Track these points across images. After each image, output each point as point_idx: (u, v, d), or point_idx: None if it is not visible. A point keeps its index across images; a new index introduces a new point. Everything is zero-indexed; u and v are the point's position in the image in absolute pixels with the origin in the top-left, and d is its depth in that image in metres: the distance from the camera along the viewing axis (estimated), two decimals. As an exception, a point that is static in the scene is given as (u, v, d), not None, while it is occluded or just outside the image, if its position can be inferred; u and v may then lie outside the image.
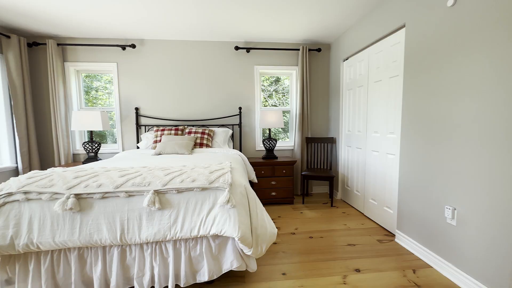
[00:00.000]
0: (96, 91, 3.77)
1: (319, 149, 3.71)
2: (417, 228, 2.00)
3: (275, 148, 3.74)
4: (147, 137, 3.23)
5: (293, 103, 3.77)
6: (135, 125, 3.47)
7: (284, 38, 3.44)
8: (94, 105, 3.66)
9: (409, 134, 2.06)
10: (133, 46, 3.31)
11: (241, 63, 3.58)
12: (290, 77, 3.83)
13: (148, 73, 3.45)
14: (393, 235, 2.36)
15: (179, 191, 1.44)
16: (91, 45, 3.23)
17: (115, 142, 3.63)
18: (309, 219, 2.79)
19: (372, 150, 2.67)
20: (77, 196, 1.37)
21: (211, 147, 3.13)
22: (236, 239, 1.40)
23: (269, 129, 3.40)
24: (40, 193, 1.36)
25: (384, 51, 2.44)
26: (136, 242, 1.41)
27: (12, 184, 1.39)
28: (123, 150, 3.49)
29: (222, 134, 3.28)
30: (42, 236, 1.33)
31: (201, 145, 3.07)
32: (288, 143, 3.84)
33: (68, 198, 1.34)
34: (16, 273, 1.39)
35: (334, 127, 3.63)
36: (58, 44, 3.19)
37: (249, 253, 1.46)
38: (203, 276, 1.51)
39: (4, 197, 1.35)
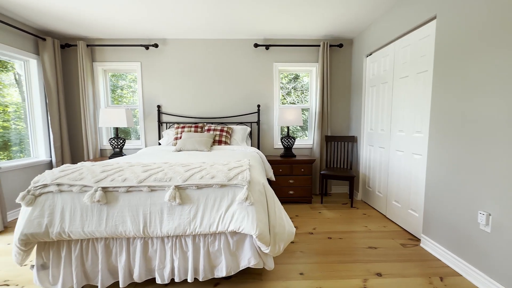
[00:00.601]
0: (121, 89, 3.95)
1: (339, 148, 3.61)
2: (446, 234, 1.88)
3: (293, 147, 3.69)
4: (168, 133, 3.32)
5: (313, 100, 3.69)
6: (157, 122, 3.59)
7: (304, 34, 3.37)
8: (120, 103, 3.84)
9: (438, 133, 1.93)
10: (156, 45, 3.41)
11: (260, 60, 3.56)
12: (310, 74, 3.75)
13: (169, 72, 3.55)
14: (418, 240, 2.24)
15: (199, 187, 1.47)
16: (117, 45, 3.38)
17: (139, 139, 3.78)
18: (328, 219, 2.73)
19: (397, 150, 2.55)
20: (104, 189, 1.44)
21: (229, 144, 3.16)
22: (254, 236, 1.40)
23: (288, 127, 3.36)
24: (71, 185, 1.45)
25: (411, 45, 2.30)
26: (157, 235, 1.45)
27: (47, 176, 1.49)
28: (145, 146, 3.63)
29: (240, 132, 3.29)
30: (73, 225, 1.42)
31: (219, 142, 3.10)
32: (307, 141, 3.78)
33: (96, 191, 1.42)
34: (50, 259, 1.50)
35: (355, 125, 3.51)
36: (87, 45, 3.37)
37: (266, 251, 1.46)
38: (221, 272, 1.53)
39: (40, 188, 1.46)
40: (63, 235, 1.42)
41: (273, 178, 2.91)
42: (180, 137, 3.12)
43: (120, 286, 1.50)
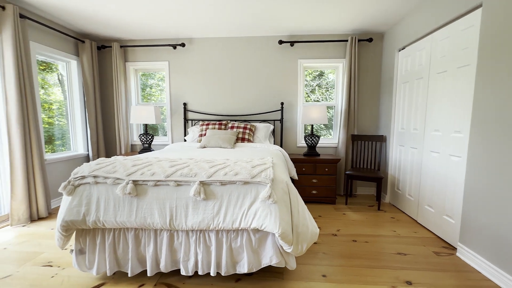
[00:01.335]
0: (150, 88, 4.14)
1: (366, 147, 3.45)
2: (487, 244, 1.71)
3: (317, 145, 3.60)
4: (193, 130, 3.42)
5: (339, 98, 3.56)
6: (183, 119, 3.71)
7: (331, 29, 3.25)
8: (149, 101, 4.03)
9: (481, 133, 1.76)
10: (183, 45, 3.52)
11: (285, 57, 3.51)
12: (336, 71, 3.62)
13: (195, 70, 3.64)
14: (454, 249, 2.07)
15: (223, 183, 1.49)
16: (147, 45, 3.54)
17: (165, 135, 3.94)
18: (353, 221, 2.63)
19: (431, 151, 2.37)
20: (135, 182, 1.52)
21: (252, 142, 3.17)
22: (277, 235, 1.38)
23: (312, 125, 3.28)
24: (105, 177, 1.55)
25: (451, 37, 2.11)
26: (182, 228, 1.50)
27: (85, 168, 1.61)
28: (172, 143, 3.77)
29: (263, 130, 3.29)
30: (107, 215, 1.52)
31: (242, 139, 3.12)
32: (331, 140, 3.66)
33: (127, 183, 1.50)
34: (87, 245, 1.62)
35: (384, 124, 3.33)
36: (121, 46, 3.58)
37: (289, 251, 1.44)
38: (243, 268, 1.54)
39: (78, 179, 1.58)
40: (98, 224, 1.53)
41: (296, 177, 2.87)
42: (205, 134, 3.19)
43: (148, 274, 1.58)
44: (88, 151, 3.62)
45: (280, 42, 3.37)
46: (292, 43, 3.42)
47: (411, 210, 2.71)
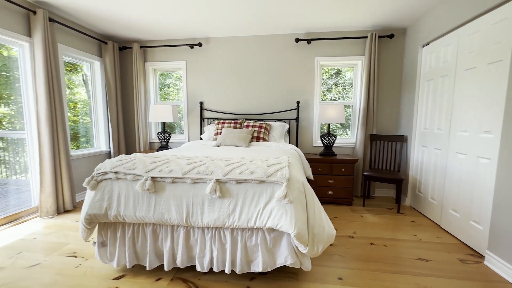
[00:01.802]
0: (168, 87, 4.25)
1: (386, 148, 3.33)
2: (520, 253, 1.59)
3: (334, 145, 3.52)
4: (209, 129, 3.47)
5: (357, 96, 3.46)
6: (199, 118, 3.77)
7: (349, 26, 3.16)
8: (166, 100, 4.13)
9: (514, 134, 1.64)
10: (200, 44, 3.57)
11: (301, 55, 3.46)
12: (355, 68, 3.52)
13: (211, 69, 3.68)
14: (482, 257, 1.94)
15: (238, 182, 1.49)
16: (165, 46, 3.63)
17: (182, 133, 4.03)
18: (370, 223, 2.55)
19: (457, 152, 2.24)
20: (153, 179, 1.57)
21: (267, 141, 3.16)
22: (292, 235, 1.37)
23: (328, 125, 3.21)
24: (126, 174, 1.60)
25: (481, 31, 1.98)
26: (198, 225, 1.53)
27: (107, 165, 1.68)
28: (188, 141, 3.84)
29: (278, 129, 3.26)
30: (127, 210, 1.57)
31: (257, 138, 3.12)
32: (349, 140, 3.57)
33: (146, 180, 1.54)
34: (108, 238, 1.69)
35: (405, 123, 3.19)
36: (141, 47, 3.69)
37: (304, 251, 1.42)
38: (257, 267, 1.54)
39: (101, 175, 1.64)
40: (119, 218, 1.58)
41: (311, 177, 2.82)
42: (220, 133, 3.22)
43: (165, 268, 1.62)
44: (109, 148, 3.77)
45: (297, 40, 3.33)
46: (309, 41, 3.36)
47: (434, 214, 2.59)
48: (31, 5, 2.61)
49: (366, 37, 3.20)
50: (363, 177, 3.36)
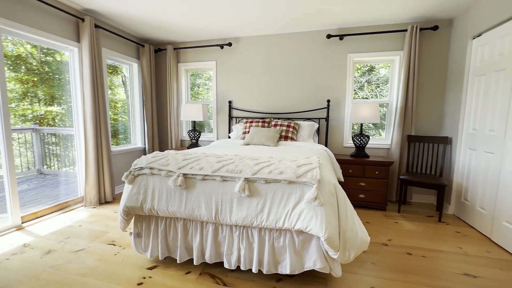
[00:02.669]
0: (198, 87, 4.39)
1: (426, 150, 3.07)
2: None
3: (366, 146, 3.33)
4: (237, 128, 3.50)
5: (393, 94, 3.23)
6: (227, 116, 3.83)
7: (387, 19, 2.96)
8: (196, 99, 4.27)
9: None
10: (230, 44, 3.62)
11: (333, 52, 3.33)
12: (391, 64, 3.29)
13: (240, 69, 3.71)
14: (544, 278, 1.69)
15: (267, 181, 1.48)
16: (197, 47, 3.75)
17: (211, 132, 4.13)
18: (407, 231, 2.36)
19: (514, 157, 1.97)
20: (185, 175, 1.62)
21: (295, 140, 3.10)
22: (322, 239, 1.31)
23: (361, 124, 3.05)
24: (160, 169, 1.68)
25: (551, 18, 1.71)
26: (227, 223, 1.54)
27: (143, 160, 1.77)
28: (217, 139, 3.93)
29: (307, 128, 3.18)
30: (160, 204, 1.65)
31: (285, 138, 3.08)
32: (383, 141, 3.35)
33: (178, 176, 1.60)
34: (143, 230, 1.79)
35: (450, 124, 2.90)
36: (174, 48, 3.86)
37: (334, 257, 1.36)
38: (285, 269, 1.51)
39: (137, 170, 1.74)
40: (153, 211, 1.67)
41: (342, 179, 2.70)
42: (248, 132, 3.24)
43: (194, 263, 1.67)
44: (144, 144, 4.01)
45: (328, 36, 3.20)
46: (341, 37, 3.22)
47: (483, 226, 2.31)
48: (80, 13, 2.86)
49: (406, 30, 2.96)
50: (399, 181, 3.14)
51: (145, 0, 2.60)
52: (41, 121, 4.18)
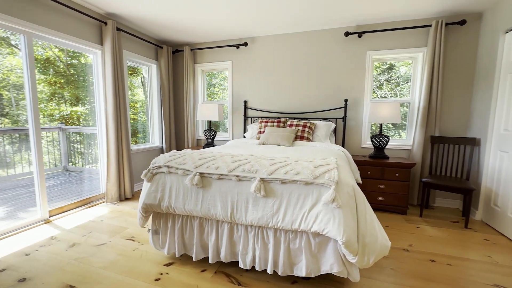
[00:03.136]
0: (214, 87, 4.44)
1: (451, 152, 2.91)
2: None
3: (386, 147, 3.21)
4: (252, 127, 3.50)
5: (415, 93, 3.09)
6: (243, 116, 3.84)
7: (409, 14, 2.83)
8: (212, 99, 4.32)
9: None
10: (246, 44, 3.63)
11: (351, 50, 3.24)
12: (414, 62, 3.14)
13: (256, 68, 3.71)
14: None
15: (283, 182, 1.46)
16: (213, 47, 3.79)
17: (226, 131, 4.16)
18: (430, 237, 2.25)
19: (553, 160, 1.81)
20: (201, 174, 1.64)
21: (311, 140, 3.04)
22: (340, 242, 1.28)
23: (380, 125, 2.94)
24: (177, 168, 1.71)
25: None
26: (242, 222, 1.54)
27: (161, 159, 1.81)
28: (232, 139, 3.95)
29: (324, 128, 3.12)
30: (177, 202, 1.68)
31: (301, 138, 3.03)
32: (403, 141, 3.21)
33: (195, 175, 1.62)
34: (161, 227, 1.84)
35: (478, 124, 2.72)
36: (191, 49, 3.92)
37: (353, 261, 1.31)
38: (300, 271, 1.49)
39: (156, 168, 1.79)
40: (170, 209, 1.70)
41: (360, 181, 2.62)
42: (263, 131, 3.22)
43: (209, 261, 1.69)
44: (162, 143, 4.12)
45: (347, 34, 3.12)
46: (360, 34, 3.12)
47: (516, 234, 2.15)
48: (103, 17, 2.99)
49: (430, 25, 2.82)
50: (421, 184, 3.00)
51: (165, 4, 2.66)
52: (67, 120, 4.41)
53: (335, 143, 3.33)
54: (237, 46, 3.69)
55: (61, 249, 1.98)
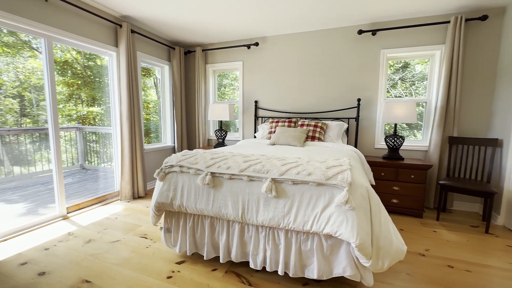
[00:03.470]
0: (224, 87, 4.46)
1: (470, 153, 2.79)
2: None
3: (400, 148, 3.11)
4: (263, 127, 3.49)
5: (432, 92, 2.98)
6: (253, 116, 3.84)
7: (426, 10, 2.74)
8: (222, 99, 4.34)
9: None
10: (257, 44, 3.62)
11: (364, 48, 3.17)
12: (431, 60, 3.03)
13: (267, 68, 3.70)
14: None
15: (295, 182, 1.44)
16: (224, 48, 3.81)
17: (236, 131, 4.18)
18: (447, 242, 2.16)
19: None
20: (212, 174, 1.64)
21: (323, 141, 3.00)
22: (353, 245, 1.25)
23: (395, 125, 2.86)
24: (189, 168, 1.73)
25: None
26: (253, 223, 1.54)
27: (173, 159, 1.84)
28: (243, 138, 3.96)
29: (335, 128, 3.07)
30: (188, 201, 1.70)
31: (312, 138, 3.00)
32: (419, 142, 3.11)
33: (206, 175, 1.63)
34: (173, 225, 1.86)
35: (501, 124, 2.59)
36: (202, 50, 3.96)
37: (366, 265, 1.28)
38: (312, 273, 1.47)
39: (168, 168, 1.81)
40: (182, 208, 1.72)
41: (373, 182, 2.56)
42: (274, 131, 3.21)
43: (220, 260, 1.69)
44: (174, 143, 4.18)
45: (360, 32, 3.05)
46: (374, 32, 3.05)
47: (542, 240, 2.03)
48: (118, 19, 3.07)
49: (448, 22, 2.71)
50: (438, 186, 2.89)
51: (178, 5, 2.70)
52: (84, 120, 4.57)
53: (347, 144, 3.27)
54: (248, 46, 3.69)
55: (78, 245, 2.05)
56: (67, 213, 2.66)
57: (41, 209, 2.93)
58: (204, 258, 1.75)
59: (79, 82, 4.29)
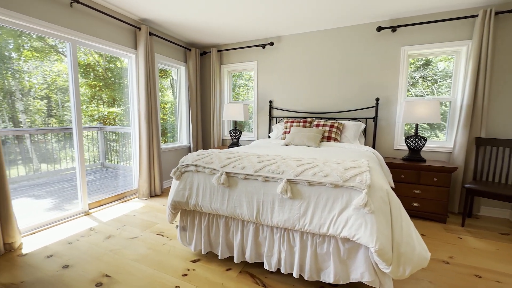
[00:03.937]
0: (239, 87, 4.47)
1: (500, 155, 2.61)
2: None
3: (422, 149, 2.97)
4: (278, 127, 3.47)
5: (458, 91, 2.82)
6: (268, 116, 3.82)
7: (450, 4, 2.60)
8: (237, 99, 4.36)
9: None
10: (272, 43, 3.60)
11: (383, 46, 3.06)
12: (456, 56, 2.87)
13: (282, 68, 3.67)
14: None
15: (311, 184, 1.41)
16: (239, 48, 3.82)
17: (250, 131, 4.18)
18: (474, 249, 2.04)
19: None
20: (227, 174, 1.65)
21: (339, 141, 2.93)
22: (372, 250, 1.20)
23: (416, 125, 2.73)
24: (204, 167, 1.74)
25: None
26: (268, 223, 1.52)
27: (189, 158, 1.86)
28: (257, 139, 3.95)
29: (352, 128, 2.98)
30: (204, 200, 1.71)
31: (328, 138, 2.93)
32: (442, 143, 2.96)
33: (221, 174, 1.64)
34: (188, 224, 1.89)
35: (535, 124, 2.41)
36: (218, 51, 4.00)
37: (386, 271, 1.23)
38: (328, 277, 1.43)
39: (184, 167, 1.84)
40: (197, 207, 1.74)
41: (392, 184, 2.46)
42: (289, 132, 3.18)
43: (235, 260, 1.70)
44: (189, 143, 4.25)
45: (379, 28, 2.95)
46: (393, 29, 2.93)
47: None
48: (137, 22, 3.16)
49: (476, 15, 2.55)
50: (463, 190, 2.73)
51: (194, 7, 2.74)
52: (105, 120, 4.76)
53: (364, 144, 3.17)
54: (263, 46, 3.68)
55: (99, 240, 2.13)
56: (89, 209, 2.78)
57: (66, 205, 3.08)
58: (219, 258, 1.76)
59: (101, 84, 4.47)
